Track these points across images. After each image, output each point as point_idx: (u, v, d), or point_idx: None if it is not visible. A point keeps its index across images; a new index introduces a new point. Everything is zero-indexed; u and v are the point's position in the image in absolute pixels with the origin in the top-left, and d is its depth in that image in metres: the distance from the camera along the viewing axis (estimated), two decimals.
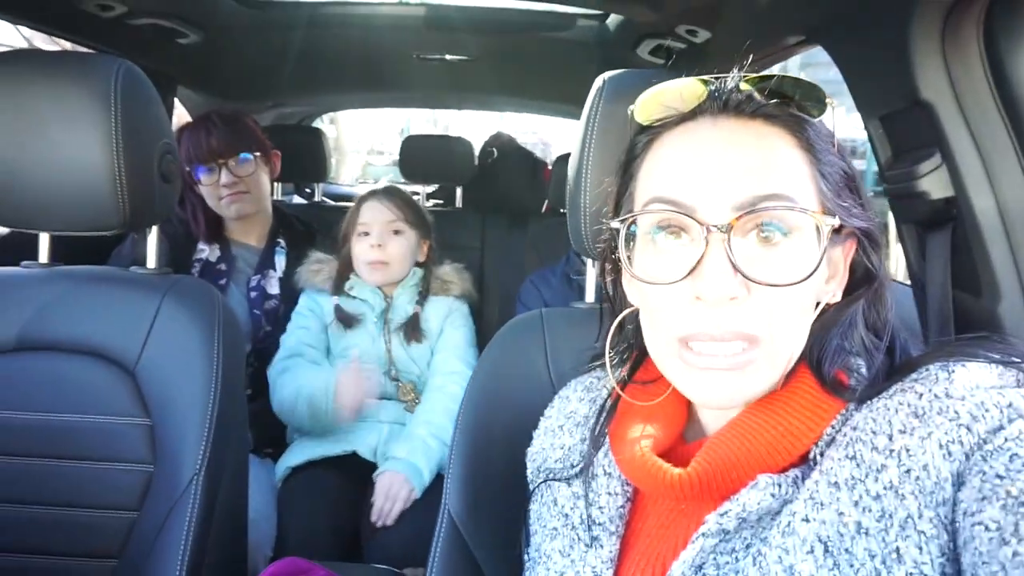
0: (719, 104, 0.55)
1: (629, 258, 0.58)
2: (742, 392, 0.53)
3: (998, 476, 0.42)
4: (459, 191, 2.67)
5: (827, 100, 0.54)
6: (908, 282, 0.99)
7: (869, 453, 0.48)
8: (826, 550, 0.46)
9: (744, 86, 0.55)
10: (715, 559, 0.52)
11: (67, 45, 1.70)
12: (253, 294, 1.73)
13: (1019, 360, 0.49)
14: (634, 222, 0.57)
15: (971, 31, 0.79)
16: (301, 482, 1.47)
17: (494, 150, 2.58)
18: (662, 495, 0.59)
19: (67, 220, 1.01)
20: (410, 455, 1.44)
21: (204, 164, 1.67)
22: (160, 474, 0.96)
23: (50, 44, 2.11)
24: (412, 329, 1.62)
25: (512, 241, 2.35)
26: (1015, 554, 0.39)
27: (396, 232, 1.63)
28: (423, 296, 1.67)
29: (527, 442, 0.92)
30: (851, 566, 0.45)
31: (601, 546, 0.61)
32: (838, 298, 0.57)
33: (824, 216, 0.52)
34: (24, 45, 2.58)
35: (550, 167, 2.53)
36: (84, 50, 1.57)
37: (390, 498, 1.38)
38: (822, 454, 0.52)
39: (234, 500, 1.05)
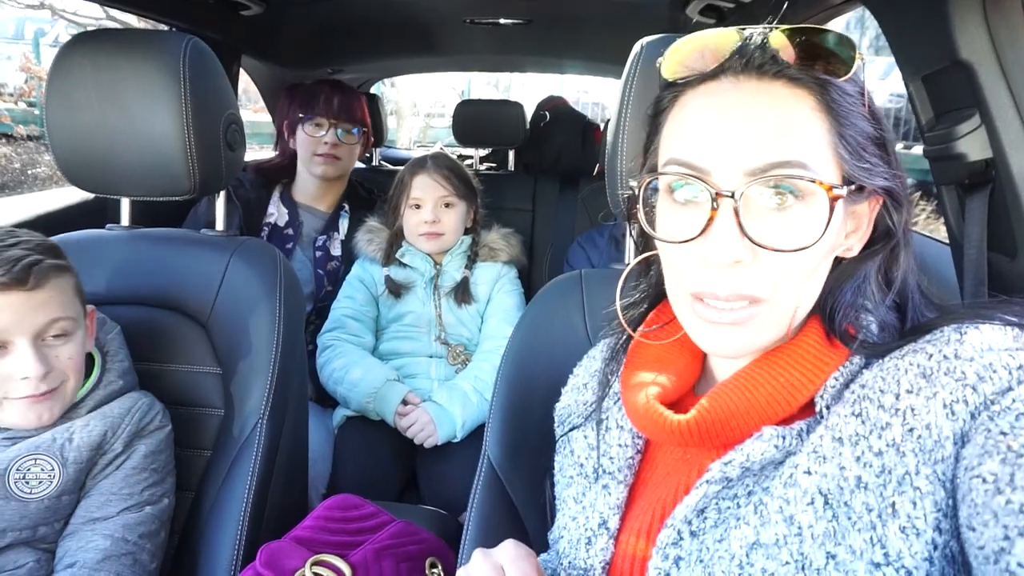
0: (741, 64, 0.55)
1: (649, 213, 0.61)
2: (746, 344, 0.56)
3: (1002, 433, 0.43)
4: (511, 154, 2.70)
5: (857, 56, 0.53)
6: (948, 242, 0.98)
7: (875, 411, 0.49)
8: (826, 502, 0.48)
9: (776, 40, 0.54)
10: (717, 504, 0.55)
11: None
12: (318, 254, 1.83)
13: None
14: (650, 181, 0.60)
15: None
16: (356, 429, 1.56)
17: (546, 113, 2.59)
18: (664, 441, 0.62)
19: (145, 186, 1.11)
20: (448, 403, 1.51)
21: (319, 117, 1.80)
22: (228, 418, 1.06)
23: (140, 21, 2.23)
24: (462, 292, 1.68)
25: (563, 204, 2.37)
26: (1008, 502, 0.40)
27: (448, 205, 1.68)
28: (471, 261, 1.72)
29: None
30: (848, 518, 0.47)
31: (609, 493, 0.65)
32: (855, 252, 0.58)
33: (839, 186, 0.53)
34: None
35: (602, 128, 2.53)
36: (160, 26, 1.66)
37: (416, 435, 1.50)
38: (828, 407, 0.53)
39: (295, 443, 1.14)
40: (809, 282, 0.55)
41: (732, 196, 0.52)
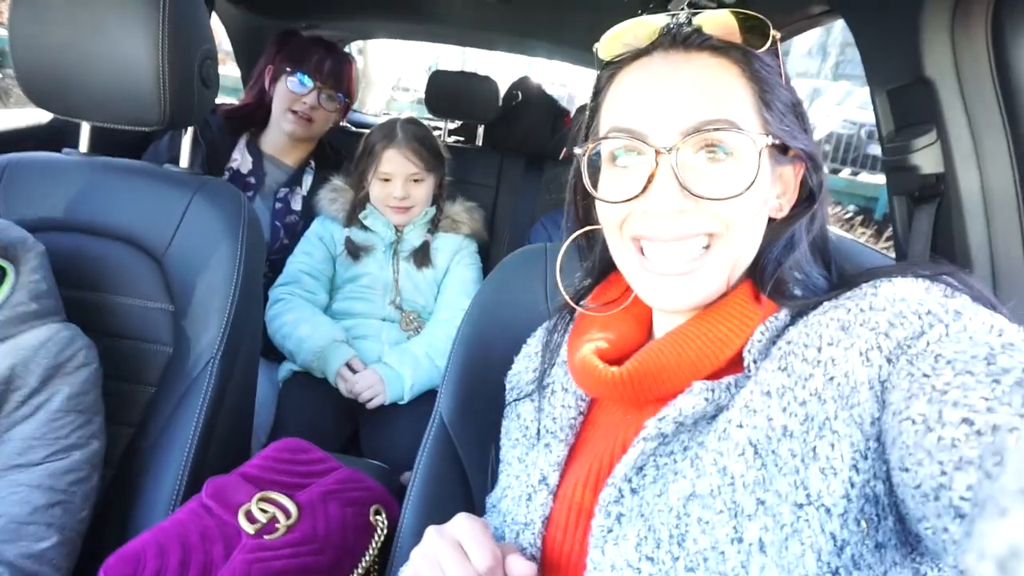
0: (669, 39, 0.61)
1: (593, 180, 0.65)
2: (691, 295, 0.61)
3: (924, 375, 0.45)
4: (481, 129, 2.70)
5: (771, 33, 0.59)
6: (893, 254, 1.04)
7: (799, 364, 0.52)
8: (756, 452, 0.51)
9: (699, 19, 0.60)
10: (655, 460, 0.58)
11: None
12: (278, 205, 1.80)
13: (946, 274, 0.54)
14: (596, 149, 0.64)
15: (980, 14, 0.82)
16: (302, 384, 1.56)
17: (519, 93, 2.59)
18: (599, 394, 0.66)
19: (110, 113, 1.07)
20: (399, 365, 1.52)
21: (308, 75, 1.75)
22: (178, 356, 1.04)
23: None
24: (422, 255, 1.69)
25: (527, 183, 2.39)
26: (940, 439, 0.40)
27: (417, 181, 1.68)
28: (433, 228, 1.73)
29: None
30: (775, 465, 0.49)
31: (551, 451, 0.68)
32: (785, 212, 0.64)
33: (764, 135, 0.58)
34: None
35: (572, 115, 2.55)
36: None
37: (363, 393, 1.50)
38: (756, 362, 0.57)
39: (244, 386, 1.13)
40: (749, 231, 0.60)
41: (669, 152, 0.57)
